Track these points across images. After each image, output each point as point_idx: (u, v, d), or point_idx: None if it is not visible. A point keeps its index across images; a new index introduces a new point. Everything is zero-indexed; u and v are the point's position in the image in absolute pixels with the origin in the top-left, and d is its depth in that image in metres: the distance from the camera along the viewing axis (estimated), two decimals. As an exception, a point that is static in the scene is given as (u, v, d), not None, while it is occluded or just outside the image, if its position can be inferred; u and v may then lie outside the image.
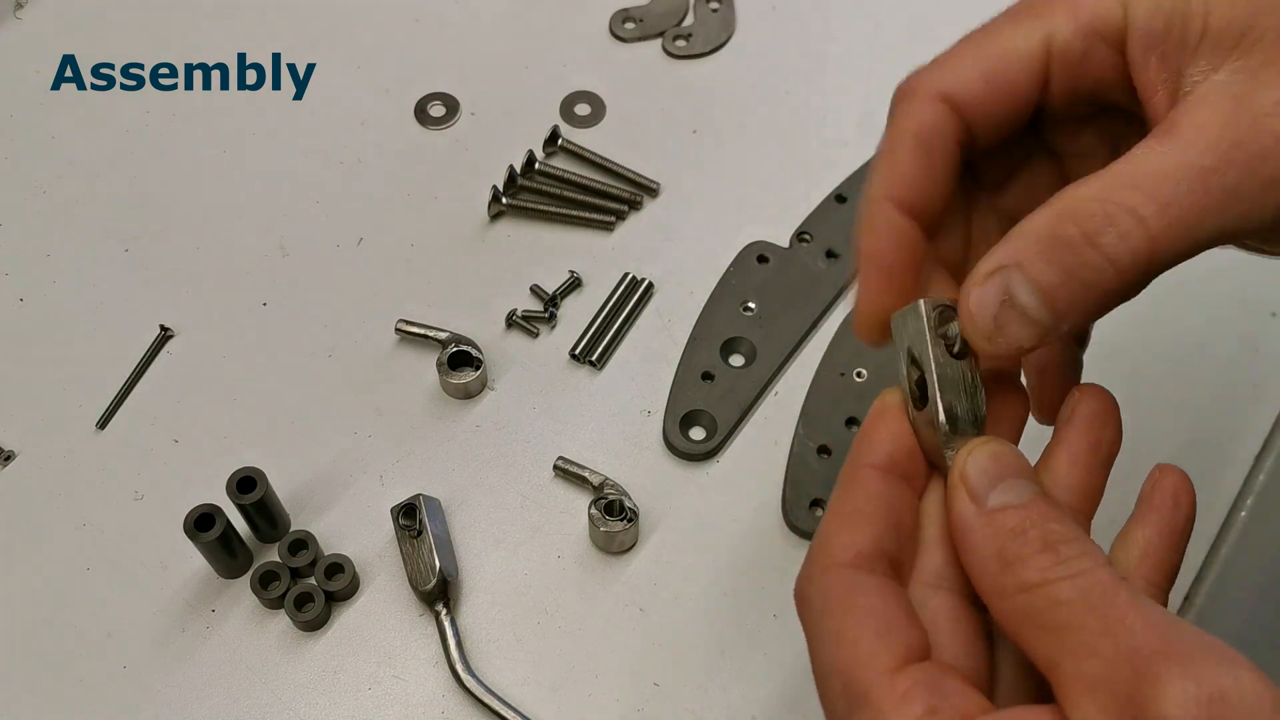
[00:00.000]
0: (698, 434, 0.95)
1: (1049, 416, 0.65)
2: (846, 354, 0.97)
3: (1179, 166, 0.52)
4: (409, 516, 0.87)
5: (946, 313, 0.59)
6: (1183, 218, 0.52)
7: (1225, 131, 0.52)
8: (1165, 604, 0.59)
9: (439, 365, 0.95)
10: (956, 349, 0.59)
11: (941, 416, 0.58)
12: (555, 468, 0.93)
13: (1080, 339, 0.67)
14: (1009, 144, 0.62)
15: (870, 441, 0.60)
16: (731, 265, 1.02)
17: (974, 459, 0.57)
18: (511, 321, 1.00)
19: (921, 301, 0.59)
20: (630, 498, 0.90)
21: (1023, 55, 0.58)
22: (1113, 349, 0.98)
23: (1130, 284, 0.55)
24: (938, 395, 0.59)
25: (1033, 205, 0.56)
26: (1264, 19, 0.53)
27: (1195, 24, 0.54)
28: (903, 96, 0.60)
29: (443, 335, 0.97)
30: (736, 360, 0.98)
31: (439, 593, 0.85)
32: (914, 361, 0.60)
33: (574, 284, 1.02)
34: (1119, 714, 0.48)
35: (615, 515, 0.89)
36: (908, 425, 0.60)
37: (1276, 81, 0.52)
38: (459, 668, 0.84)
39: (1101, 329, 0.96)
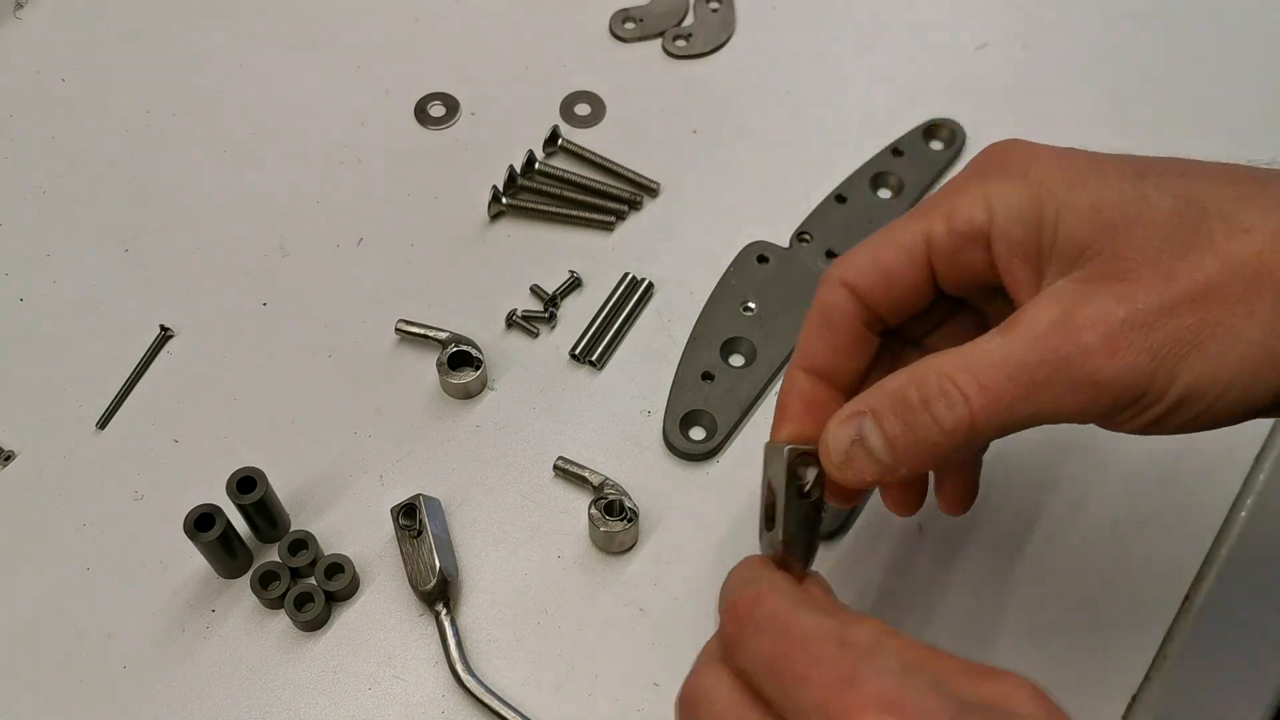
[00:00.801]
0: (698, 434, 0.95)
1: (951, 509, 0.78)
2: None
3: (1005, 358, 0.62)
4: (409, 516, 0.88)
5: (805, 458, 0.70)
6: (999, 400, 0.62)
7: (1048, 334, 0.61)
8: None
9: (439, 365, 0.95)
10: (807, 490, 0.70)
11: (780, 538, 0.70)
12: (555, 468, 0.93)
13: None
14: (935, 305, 0.72)
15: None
16: (731, 265, 1.02)
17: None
18: (511, 321, 1.00)
19: (786, 447, 0.70)
20: (630, 498, 0.90)
21: (906, 250, 0.69)
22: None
23: (958, 445, 0.64)
24: (780, 524, 0.70)
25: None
26: (1103, 238, 0.62)
27: (1047, 234, 0.64)
28: (820, 283, 0.72)
29: (443, 335, 0.97)
30: (737, 360, 0.98)
31: (439, 593, 0.85)
32: (770, 490, 0.72)
33: (574, 284, 1.02)
34: None
35: (615, 515, 0.89)
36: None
37: (1100, 297, 0.61)
38: (459, 668, 0.84)
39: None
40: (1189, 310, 0.60)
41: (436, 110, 1.13)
